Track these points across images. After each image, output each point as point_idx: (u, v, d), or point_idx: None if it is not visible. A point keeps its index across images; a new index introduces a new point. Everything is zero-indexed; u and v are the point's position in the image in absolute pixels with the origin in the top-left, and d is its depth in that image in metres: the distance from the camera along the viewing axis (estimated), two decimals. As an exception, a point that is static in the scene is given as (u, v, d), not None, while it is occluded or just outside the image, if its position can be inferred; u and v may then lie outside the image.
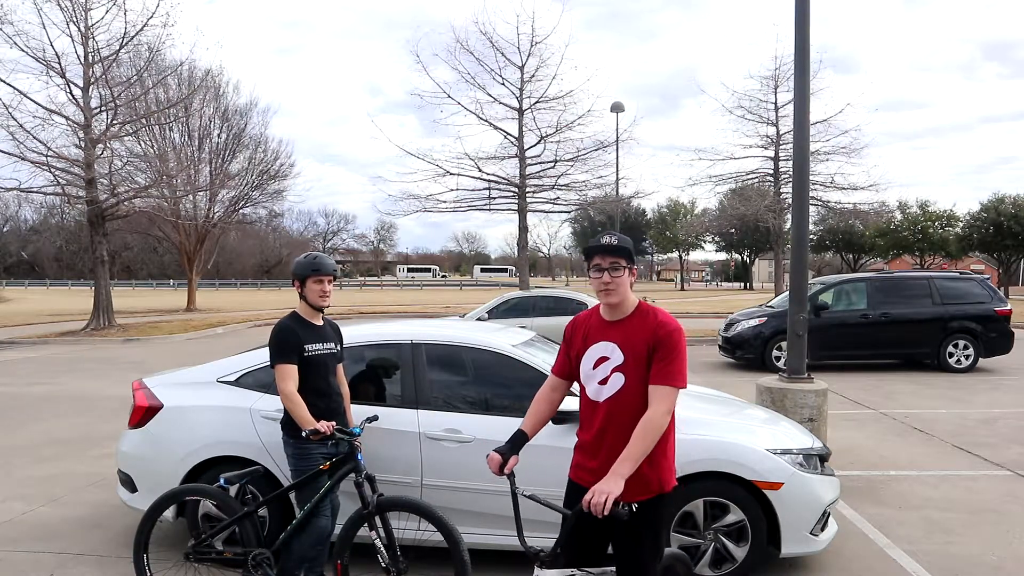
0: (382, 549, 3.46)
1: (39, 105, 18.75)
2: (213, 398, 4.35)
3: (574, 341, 2.71)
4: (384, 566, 3.47)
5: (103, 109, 20.10)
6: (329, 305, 3.80)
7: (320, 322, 3.82)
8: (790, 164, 17.25)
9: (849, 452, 6.89)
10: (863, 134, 29.20)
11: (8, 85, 18.32)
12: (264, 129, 39.43)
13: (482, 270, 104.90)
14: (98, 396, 10.19)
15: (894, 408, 9.26)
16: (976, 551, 4.49)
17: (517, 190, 21.47)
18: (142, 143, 26.21)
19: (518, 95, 21.06)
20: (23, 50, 18.26)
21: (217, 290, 65.13)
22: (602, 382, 2.57)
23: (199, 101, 29.57)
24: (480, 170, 21.44)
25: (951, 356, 12.56)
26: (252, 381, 4.36)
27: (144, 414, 4.40)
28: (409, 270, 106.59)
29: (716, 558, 3.95)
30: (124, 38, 19.26)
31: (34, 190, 20.68)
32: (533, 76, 20.82)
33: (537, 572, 2.54)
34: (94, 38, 19.15)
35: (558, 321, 12.30)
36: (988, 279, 13.85)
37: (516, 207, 21.77)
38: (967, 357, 12.55)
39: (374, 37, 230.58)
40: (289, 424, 3.62)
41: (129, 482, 4.44)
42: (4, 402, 9.77)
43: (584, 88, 27.40)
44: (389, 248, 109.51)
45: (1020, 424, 8.23)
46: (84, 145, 19.52)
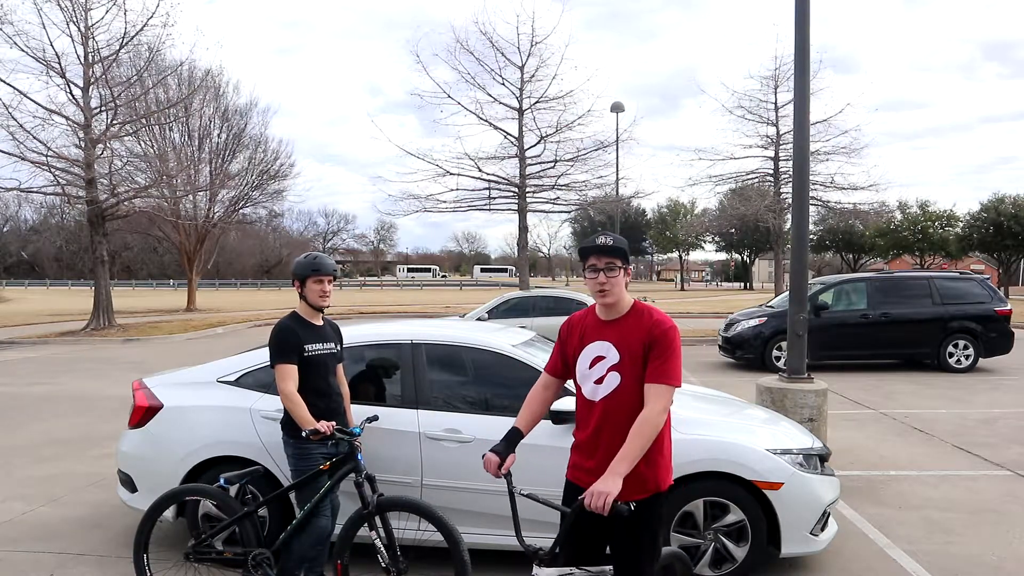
0: (382, 549, 3.46)
1: (39, 105, 18.78)
2: (213, 398, 4.35)
3: (570, 341, 2.72)
4: (384, 566, 3.47)
5: (103, 109, 20.10)
6: (329, 305, 3.80)
7: (320, 322, 3.83)
8: (790, 164, 17.25)
9: (849, 452, 6.89)
10: (863, 134, 29.27)
11: (8, 85, 18.36)
12: (264, 129, 39.60)
13: (482, 270, 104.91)
14: (98, 396, 10.19)
15: (894, 408, 9.26)
16: (976, 551, 4.49)
17: (517, 190, 21.47)
18: (142, 143, 26.22)
19: (518, 95, 21.07)
20: (23, 50, 18.31)
21: (217, 290, 65.13)
22: (598, 381, 2.58)
23: (199, 101, 29.59)
24: (480, 170, 21.46)
25: (951, 356, 12.56)
26: (252, 381, 4.36)
27: (144, 414, 4.40)
28: (409, 270, 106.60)
29: (716, 558, 3.95)
30: (124, 38, 19.28)
31: (34, 190, 20.71)
32: (533, 76, 20.85)
33: (536, 571, 2.54)
34: (94, 38, 19.16)
35: (558, 321, 12.11)
36: (988, 279, 13.85)
37: (516, 207, 21.77)
38: (967, 357, 12.55)
39: (374, 37, 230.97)
40: (289, 424, 3.62)
41: (129, 482, 4.44)
42: (4, 402, 9.77)
43: (584, 88, 27.49)
44: (389, 248, 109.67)
45: (1020, 424, 8.23)
46: (84, 145, 19.52)
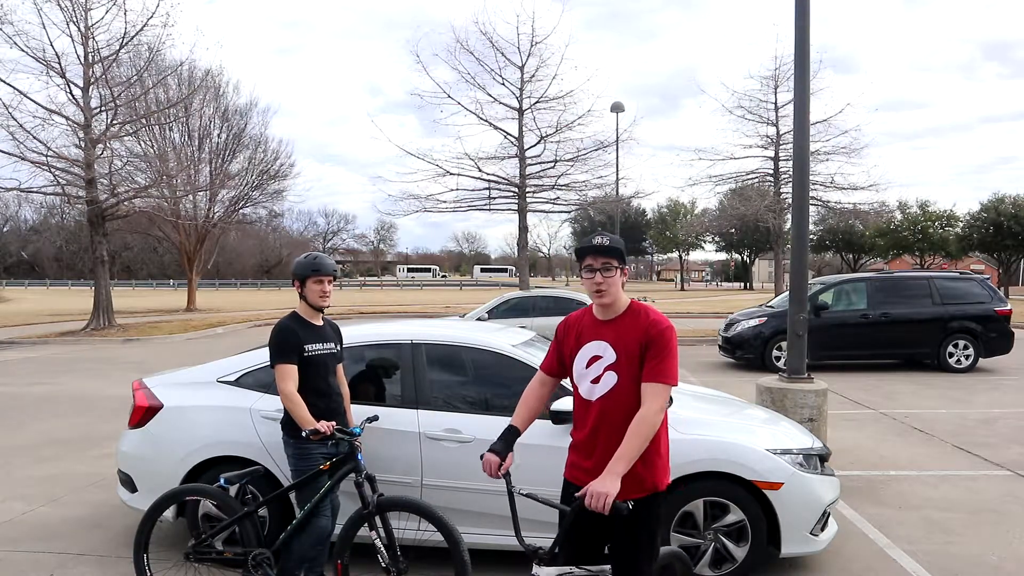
0: (382, 549, 3.46)
1: (39, 105, 18.78)
2: (213, 398, 4.35)
3: (567, 340, 2.73)
4: (384, 566, 3.47)
5: (103, 109, 20.10)
6: (329, 305, 3.80)
7: (320, 322, 3.83)
8: (790, 164, 17.25)
9: (849, 452, 6.89)
10: (863, 134, 29.21)
11: (8, 85, 18.36)
12: (264, 129, 39.56)
13: (482, 270, 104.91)
14: (98, 396, 10.19)
15: (894, 408, 9.26)
16: (976, 551, 4.49)
17: (517, 190, 21.46)
18: (142, 143, 26.20)
19: (518, 95, 21.05)
20: (23, 50, 18.30)
21: (217, 290, 65.13)
22: (595, 381, 2.58)
23: (199, 101, 29.61)
24: (480, 170, 21.44)
25: (951, 356, 12.56)
26: (252, 381, 4.36)
27: (144, 414, 4.40)
28: (409, 270, 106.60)
29: (716, 558, 3.95)
30: (124, 38, 19.28)
31: (34, 190, 20.71)
32: (533, 76, 20.83)
33: (536, 570, 2.54)
34: (94, 38, 19.16)
35: (558, 321, 12.26)
36: (988, 279, 13.85)
37: (516, 207, 21.76)
38: (967, 357, 12.55)
39: (374, 37, 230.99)
40: (289, 424, 3.62)
41: (129, 482, 4.44)
42: (4, 402, 9.77)
43: (584, 88, 27.45)
44: (389, 248, 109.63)
45: (1020, 424, 8.23)
46: (84, 145, 19.51)
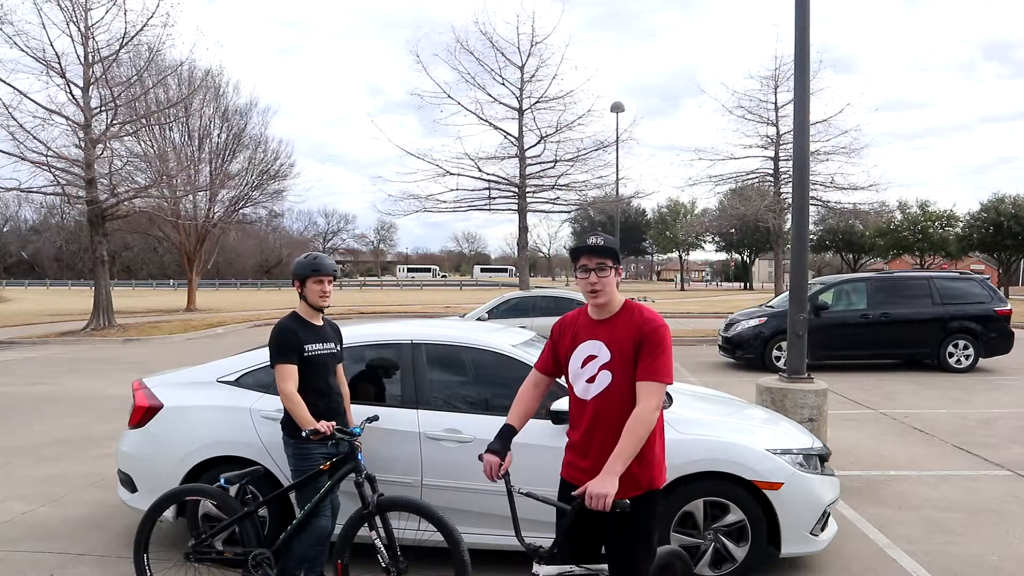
0: (382, 549, 3.46)
1: (39, 105, 18.78)
2: (213, 398, 4.35)
3: (562, 340, 2.73)
4: (384, 566, 3.47)
5: (103, 109, 20.09)
6: (329, 305, 3.80)
7: (320, 322, 3.83)
8: (790, 164, 17.25)
9: (849, 452, 6.89)
10: (863, 134, 29.25)
11: (8, 85, 18.36)
12: (264, 129, 39.58)
13: (482, 270, 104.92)
14: (98, 396, 10.18)
15: (894, 408, 9.26)
16: (976, 551, 4.49)
17: (517, 190, 21.47)
18: (142, 143, 26.20)
19: (518, 95, 21.07)
20: (23, 50, 18.30)
21: (217, 290, 65.14)
22: (590, 380, 2.58)
23: (199, 101, 29.61)
24: (480, 170, 21.46)
25: (951, 356, 12.56)
26: (252, 381, 4.36)
27: (144, 414, 4.40)
28: (409, 270, 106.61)
29: (716, 558, 3.95)
30: (124, 38, 19.27)
31: (34, 190, 20.71)
32: (533, 76, 20.85)
33: (536, 568, 2.54)
34: (94, 38, 19.15)
35: (558, 321, 12.28)
36: (988, 279, 13.85)
37: (516, 207, 21.77)
38: (967, 357, 12.55)
39: (374, 37, 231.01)
40: (289, 424, 3.62)
41: (129, 482, 4.44)
42: (4, 402, 9.77)
43: (584, 88, 27.48)
44: (389, 248, 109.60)
45: (1020, 424, 8.23)
46: (84, 145, 19.51)
